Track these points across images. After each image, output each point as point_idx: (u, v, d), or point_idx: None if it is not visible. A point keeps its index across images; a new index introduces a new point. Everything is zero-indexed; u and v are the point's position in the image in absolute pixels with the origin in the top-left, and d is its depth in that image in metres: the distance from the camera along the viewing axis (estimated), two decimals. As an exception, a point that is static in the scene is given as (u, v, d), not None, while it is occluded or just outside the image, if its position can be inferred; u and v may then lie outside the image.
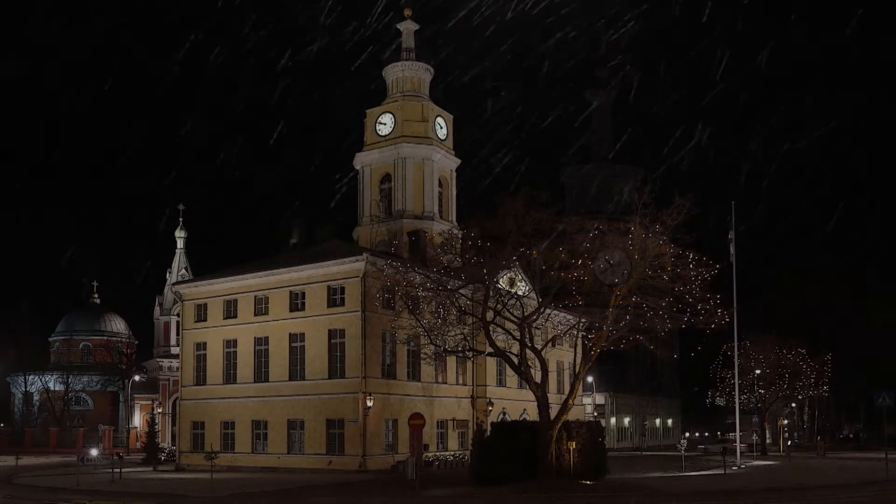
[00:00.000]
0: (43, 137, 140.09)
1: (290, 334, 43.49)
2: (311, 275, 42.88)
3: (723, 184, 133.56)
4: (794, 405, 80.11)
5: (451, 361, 46.65)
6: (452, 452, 45.71)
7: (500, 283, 35.33)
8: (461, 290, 33.74)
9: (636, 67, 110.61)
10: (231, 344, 45.87)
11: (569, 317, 39.31)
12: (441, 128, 54.55)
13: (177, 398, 53.94)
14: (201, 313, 47.29)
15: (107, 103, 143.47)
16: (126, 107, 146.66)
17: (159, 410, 73.49)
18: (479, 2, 68.60)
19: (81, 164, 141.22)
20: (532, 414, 37.37)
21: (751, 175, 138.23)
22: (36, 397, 78.29)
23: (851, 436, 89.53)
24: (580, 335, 33.28)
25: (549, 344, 35.29)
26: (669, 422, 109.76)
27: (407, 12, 55.64)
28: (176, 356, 66.99)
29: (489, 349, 33.94)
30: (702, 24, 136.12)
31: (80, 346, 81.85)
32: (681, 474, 37.54)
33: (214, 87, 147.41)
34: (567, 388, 45.06)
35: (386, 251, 44.68)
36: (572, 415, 35.32)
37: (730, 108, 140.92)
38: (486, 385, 49.29)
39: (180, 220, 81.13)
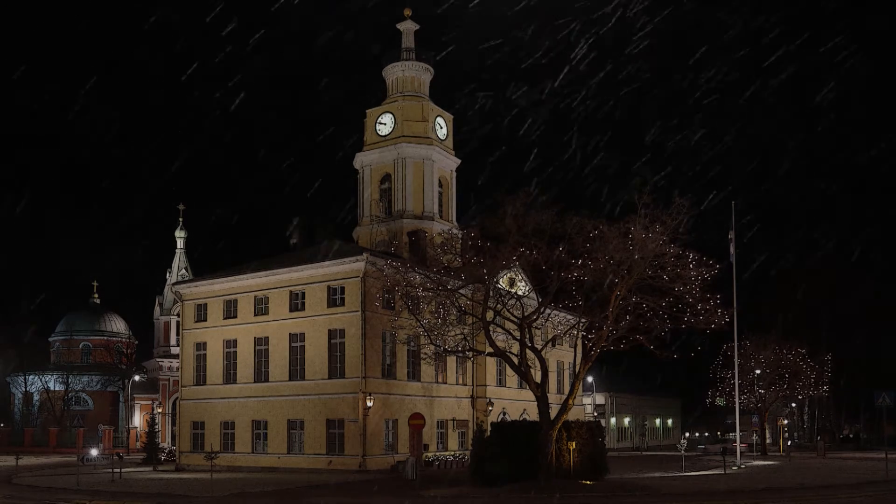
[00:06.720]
0: (42, 137, 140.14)
1: (290, 334, 43.54)
2: (311, 275, 42.91)
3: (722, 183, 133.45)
4: (794, 405, 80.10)
5: (451, 361, 46.68)
6: (452, 452, 45.72)
7: (500, 283, 35.27)
8: (461, 290, 33.70)
9: None
10: (231, 344, 45.91)
11: (569, 317, 39.27)
12: (441, 128, 54.54)
13: (177, 398, 53.96)
14: (201, 313, 47.32)
15: (107, 103, 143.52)
16: (126, 106, 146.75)
17: (159, 410, 73.59)
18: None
19: (82, 163, 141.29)
20: (532, 414, 37.33)
21: (751, 174, 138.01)
22: (36, 397, 78.38)
23: (851, 436, 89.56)
24: (580, 335, 33.23)
25: (549, 344, 35.23)
26: (669, 422, 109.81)
27: (407, 12, 55.65)
28: (176, 356, 67.09)
29: (489, 349, 33.88)
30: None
31: (80, 346, 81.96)
32: (681, 474, 37.54)
33: (214, 87, 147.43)
34: (567, 388, 45.12)
35: (386, 251, 44.67)
36: (572, 415, 35.31)
37: (729, 106, 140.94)
38: (486, 385, 49.33)
39: (180, 220, 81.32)
